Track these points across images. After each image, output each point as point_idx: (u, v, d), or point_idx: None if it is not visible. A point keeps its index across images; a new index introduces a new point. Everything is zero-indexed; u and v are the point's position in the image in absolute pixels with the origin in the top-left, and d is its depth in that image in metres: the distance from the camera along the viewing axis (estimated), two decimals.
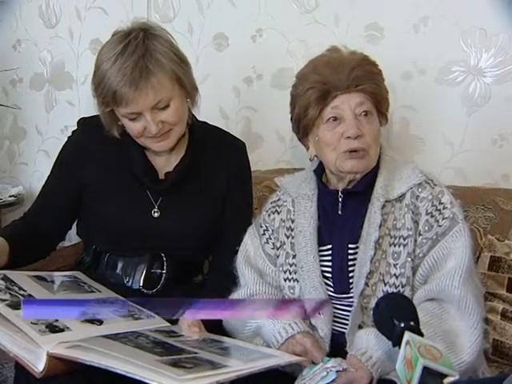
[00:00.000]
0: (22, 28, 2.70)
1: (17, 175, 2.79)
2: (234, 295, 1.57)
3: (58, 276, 1.57)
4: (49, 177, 1.70)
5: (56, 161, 1.70)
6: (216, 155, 1.68)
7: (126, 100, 1.47)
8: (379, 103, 1.52)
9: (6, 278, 1.42)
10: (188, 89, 1.56)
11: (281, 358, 1.32)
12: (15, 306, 1.31)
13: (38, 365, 1.20)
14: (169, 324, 1.46)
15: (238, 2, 2.26)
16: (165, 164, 1.65)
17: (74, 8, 2.56)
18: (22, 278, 1.46)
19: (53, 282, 1.53)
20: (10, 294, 1.35)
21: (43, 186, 1.71)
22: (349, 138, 1.46)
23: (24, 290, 1.39)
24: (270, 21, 2.21)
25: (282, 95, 2.15)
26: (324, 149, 1.51)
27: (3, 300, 1.31)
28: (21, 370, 1.28)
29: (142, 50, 1.47)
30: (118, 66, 1.46)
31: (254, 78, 2.26)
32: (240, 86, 2.29)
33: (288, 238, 1.56)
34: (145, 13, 2.40)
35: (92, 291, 1.54)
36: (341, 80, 1.47)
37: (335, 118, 1.48)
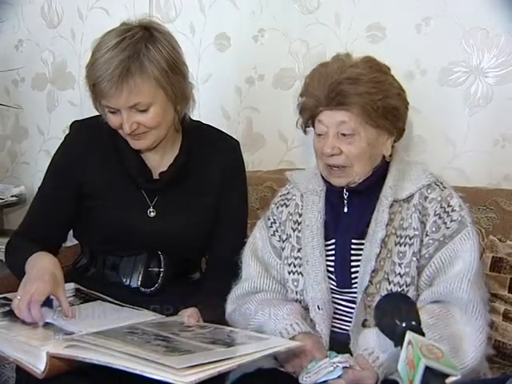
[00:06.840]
0: (24, 28, 2.70)
1: (19, 175, 2.79)
2: (236, 288, 1.57)
3: None
4: (44, 184, 1.68)
5: (50, 166, 1.69)
6: (210, 154, 1.67)
7: (103, 94, 1.49)
8: (373, 121, 1.44)
9: None
10: (173, 98, 1.54)
11: (279, 344, 1.32)
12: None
13: (39, 366, 1.20)
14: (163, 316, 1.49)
15: (240, 2, 2.26)
16: (158, 163, 1.64)
17: (76, 8, 2.56)
18: None
19: None
20: None
21: (39, 195, 1.68)
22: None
23: None
24: (272, 21, 2.21)
25: (284, 95, 2.17)
26: (315, 154, 1.53)
27: None
28: (22, 372, 1.29)
29: (131, 50, 1.47)
30: (105, 59, 1.47)
31: (256, 78, 2.26)
32: (242, 86, 2.28)
33: (294, 231, 1.57)
34: (146, 13, 2.40)
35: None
36: (324, 96, 1.45)
37: (319, 134, 1.49)
